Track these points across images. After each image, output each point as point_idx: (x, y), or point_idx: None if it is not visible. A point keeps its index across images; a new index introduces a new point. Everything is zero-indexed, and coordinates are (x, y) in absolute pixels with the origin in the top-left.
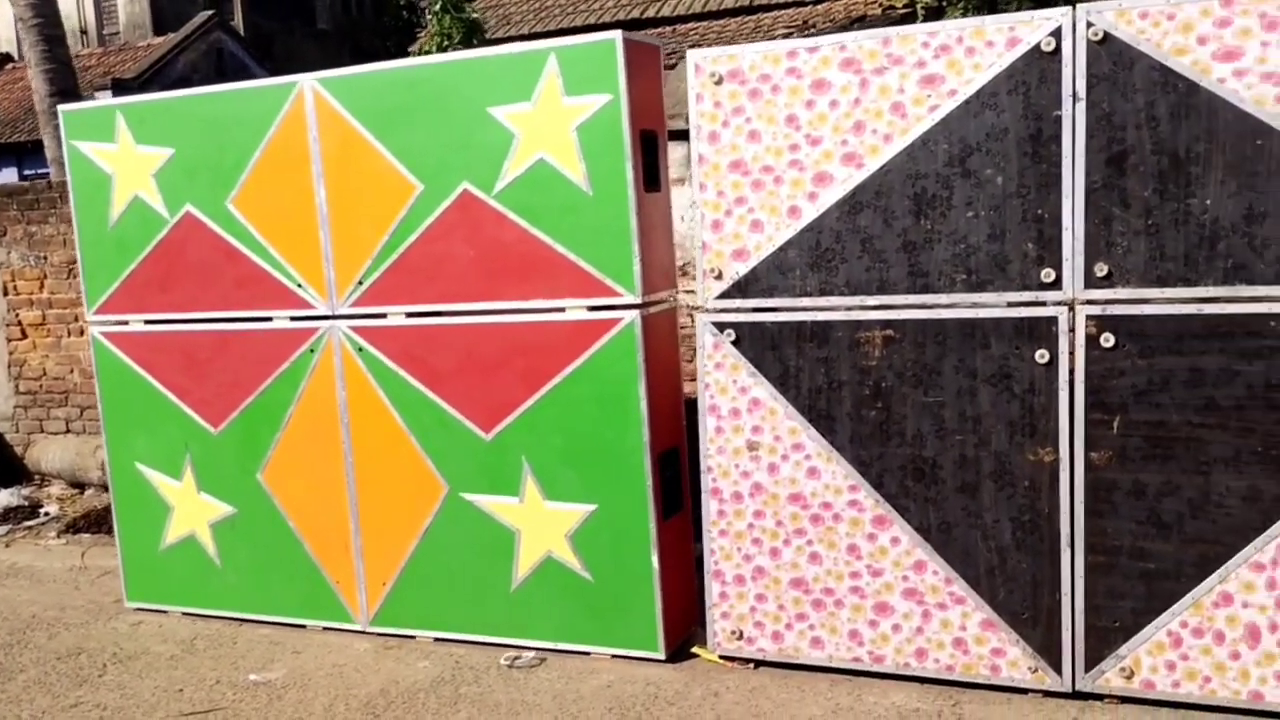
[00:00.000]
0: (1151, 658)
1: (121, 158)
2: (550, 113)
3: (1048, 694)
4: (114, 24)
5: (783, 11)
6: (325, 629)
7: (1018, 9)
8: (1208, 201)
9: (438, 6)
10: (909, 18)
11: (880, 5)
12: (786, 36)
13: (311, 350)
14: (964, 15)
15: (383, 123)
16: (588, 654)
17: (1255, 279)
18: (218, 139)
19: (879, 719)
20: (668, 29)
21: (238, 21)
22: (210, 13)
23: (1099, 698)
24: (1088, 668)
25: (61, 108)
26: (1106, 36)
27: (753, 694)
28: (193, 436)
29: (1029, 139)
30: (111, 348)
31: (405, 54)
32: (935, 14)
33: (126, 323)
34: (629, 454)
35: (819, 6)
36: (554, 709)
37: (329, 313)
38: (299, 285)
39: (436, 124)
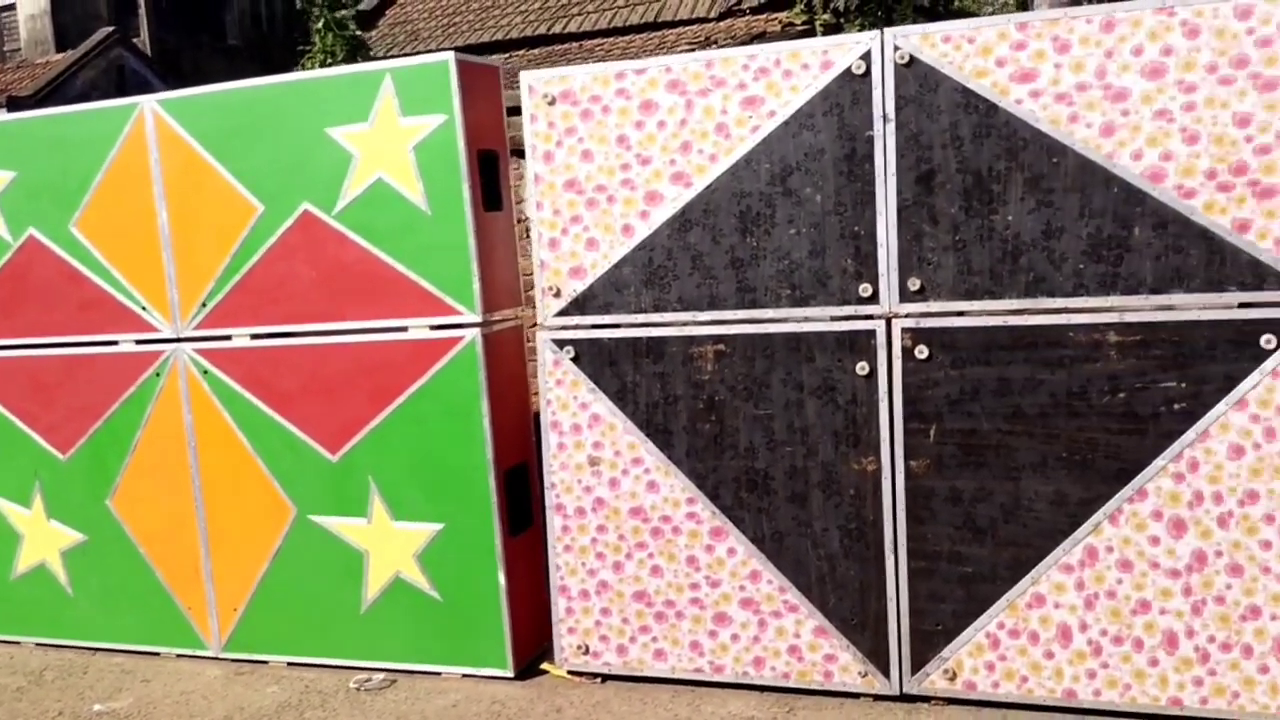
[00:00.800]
0: (972, 659)
1: None
2: (388, 133)
3: (878, 698)
4: (15, 40)
5: (686, 28)
6: (178, 656)
7: (913, 23)
8: (1009, 218)
9: (320, 25)
10: (808, 34)
11: (780, 22)
12: (690, 52)
13: (157, 374)
14: (861, 31)
15: (222, 144)
16: (439, 674)
17: (1055, 291)
18: (60, 161)
19: None
20: (574, 45)
21: (143, 38)
22: (111, 29)
23: (926, 700)
24: (914, 670)
25: None
26: (912, 59)
27: (595, 709)
28: (41, 463)
29: (844, 158)
30: None
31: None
32: (834, 30)
33: None
34: (474, 472)
35: (721, 24)
36: None
37: (173, 336)
38: (143, 308)
39: (276, 145)
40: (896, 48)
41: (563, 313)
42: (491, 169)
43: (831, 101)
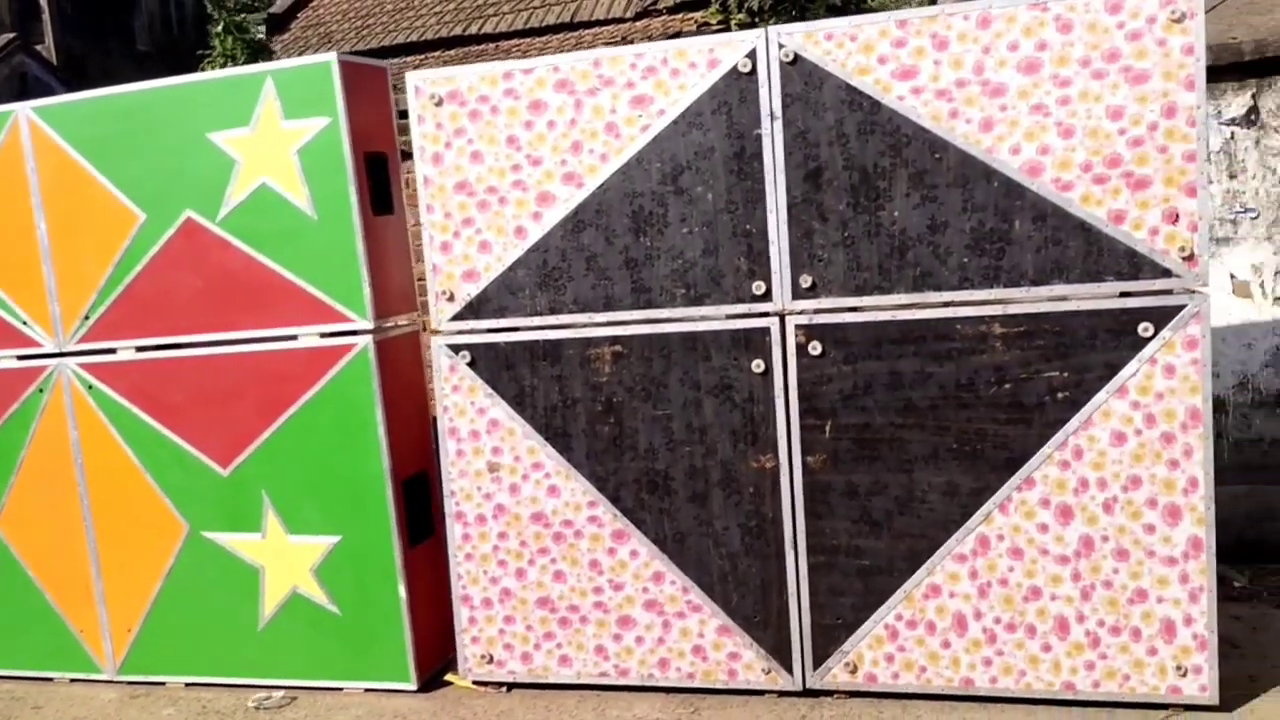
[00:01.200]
0: (872, 651)
1: None
2: (270, 137)
3: (782, 694)
4: None
5: (603, 28)
6: (72, 681)
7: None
8: (896, 214)
9: (220, 28)
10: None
11: (695, 22)
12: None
13: (40, 390)
14: None
15: (101, 151)
16: (340, 689)
17: (941, 285)
18: None
19: None
20: (490, 46)
21: (48, 44)
22: (13, 35)
23: (830, 694)
24: (815, 665)
25: None
26: (797, 57)
27: (499, 718)
28: None
29: (734, 156)
30: None
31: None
32: (750, 29)
33: None
34: (371, 482)
35: (637, 24)
36: None
37: (56, 350)
38: (24, 323)
39: (156, 151)
40: (781, 45)
41: (457, 317)
42: (381, 172)
43: (720, 100)
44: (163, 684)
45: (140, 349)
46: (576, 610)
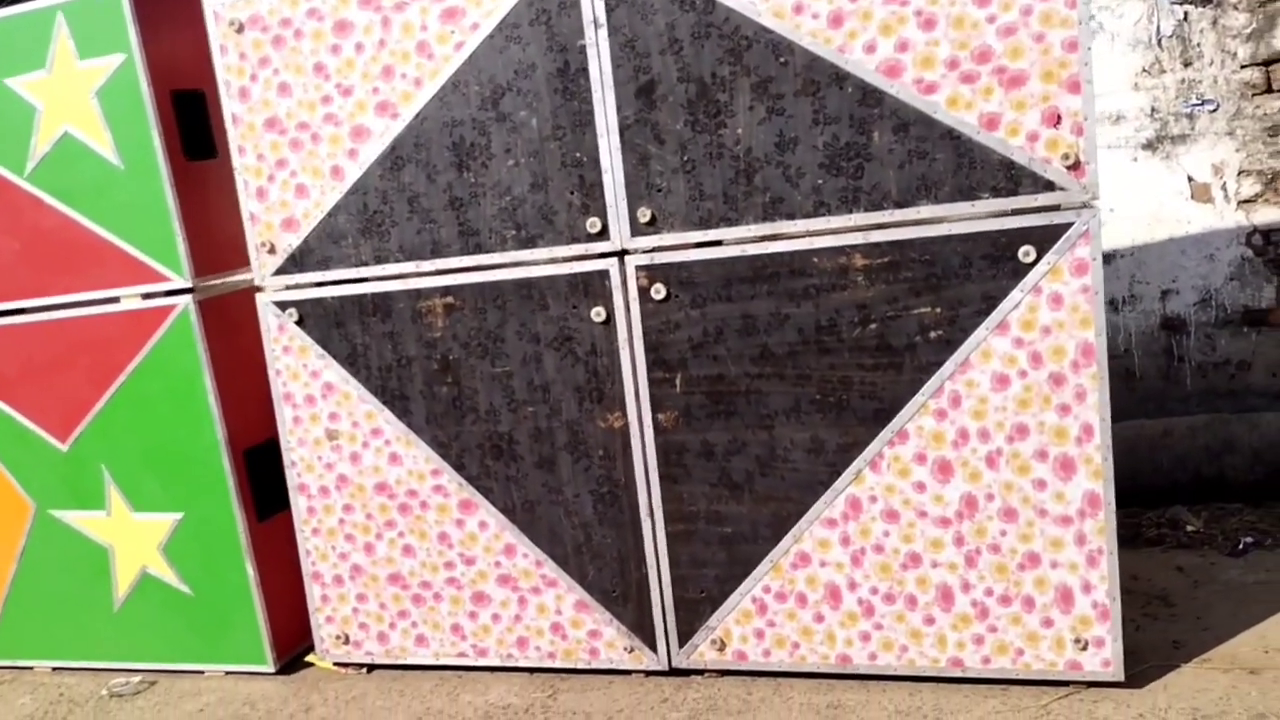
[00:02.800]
0: (740, 627)
1: None
2: (68, 79)
3: (649, 674)
4: None
5: None
6: None
7: None
8: (739, 131)
9: None
10: None
11: None
12: None
13: None
14: None
15: None
16: (202, 673)
17: (795, 212)
18: None
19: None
20: None
21: None
22: None
23: (700, 673)
24: (681, 643)
25: None
26: None
27: (349, 704)
28: None
29: (558, 74)
30: None
31: None
32: None
33: None
34: (208, 454)
35: None
36: None
37: None
38: None
39: None
40: None
41: (280, 271)
42: (198, 112)
43: (537, 8)
44: (30, 668)
45: None
46: (429, 587)
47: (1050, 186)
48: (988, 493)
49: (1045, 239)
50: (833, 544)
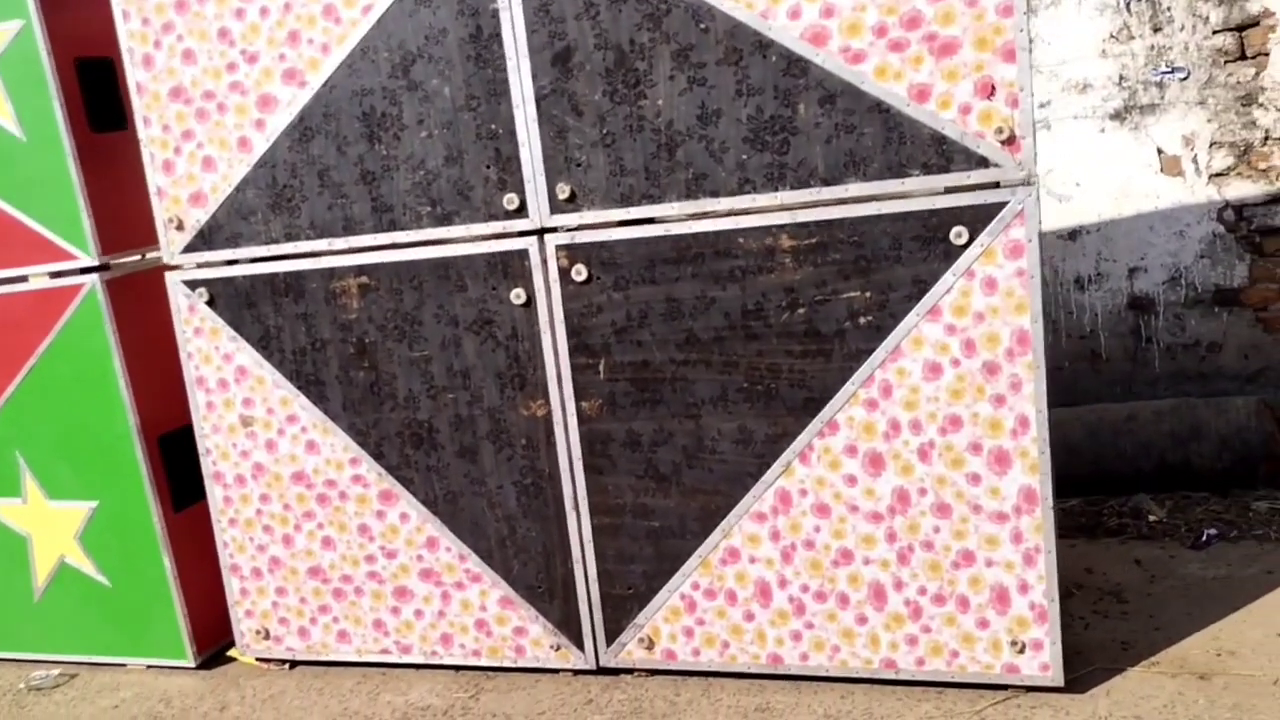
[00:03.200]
0: (669, 625)
1: None
2: None
3: (577, 673)
4: None
5: None
6: None
7: None
8: (660, 102)
9: None
10: None
11: None
12: None
13: None
14: None
15: None
16: (124, 666)
17: (719, 189)
18: None
19: None
20: None
21: None
22: None
23: (629, 672)
24: (609, 641)
25: None
26: None
27: (266, 703)
28: None
29: (470, 39)
30: None
31: None
32: None
33: None
34: (120, 441)
35: None
36: None
37: None
38: None
39: None
40: None
41: (190, 248)
42: (106, 81)
43: None
44: None
45: None
46: (350, 580)
47: (984, 163)
48: (920, 487)
49: (978, 219)
50: (762, 539)
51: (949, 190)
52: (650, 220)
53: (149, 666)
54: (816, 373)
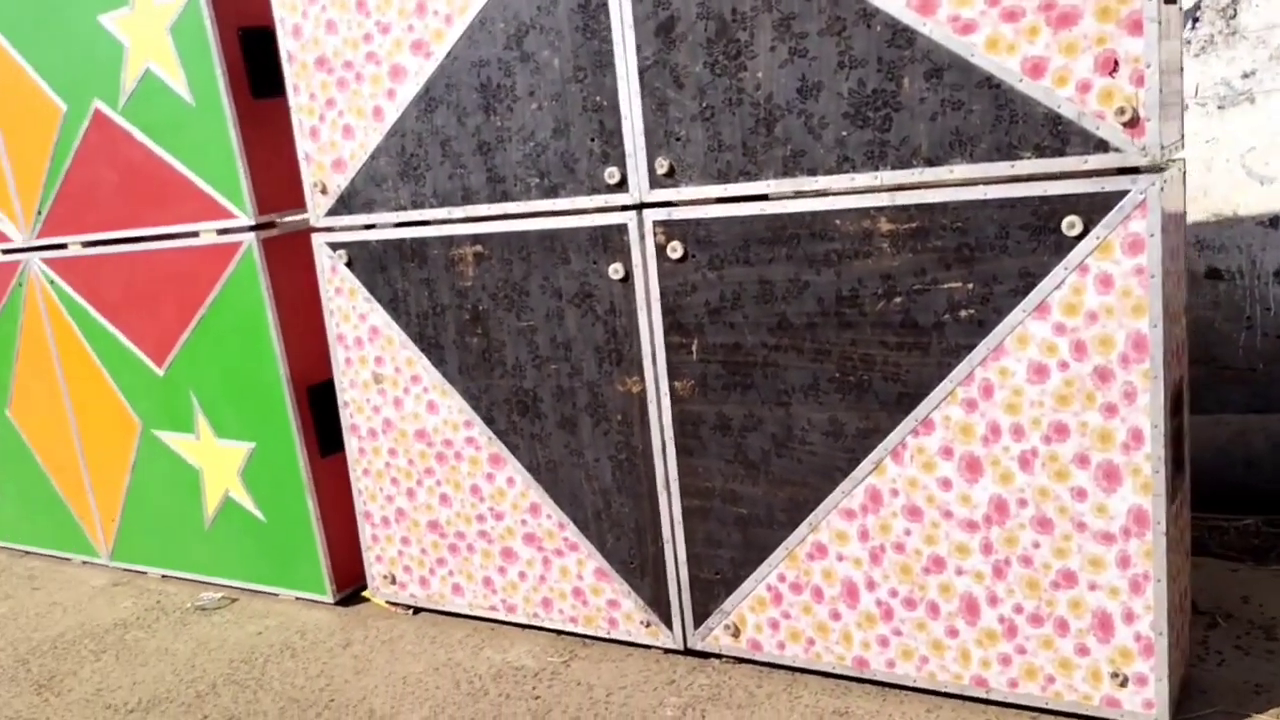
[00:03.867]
0: (755, 615)
1: None
2: (147, 15)
3: (668, 651)
4: None
5: None
6: (83, 563)
7: None
8: (759, 74)
9: None
10: None
11: None
12: None
13: (19, 284)
14: None
15: (23, 39)
16: (276, 595)
17: (816, 168)
18: None
19: (482, 677)
20: None
21: None
22: None
23: (718, 656)
24: (697, 624)
25: None
26: None
27: (382, 645)
28: None
29: (579, 9)
30: None
31: None
32: None
33: None
34: (273, 388)
35: None
36: (185, 656)
37: (24, 245)
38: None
39: (63, 36)
40: None
41: (332, 212)
42: (267, 49)
43: None
44: (145, 573)
45: (86, 244)
46: (463, 537)
47: (1103, 146)
48: (1020, 498)
49: (1095, 209)
50: (851, 537)
51: (1062, 175)
52: (746, 198)
53: (297, 598)
54: (912, 367)
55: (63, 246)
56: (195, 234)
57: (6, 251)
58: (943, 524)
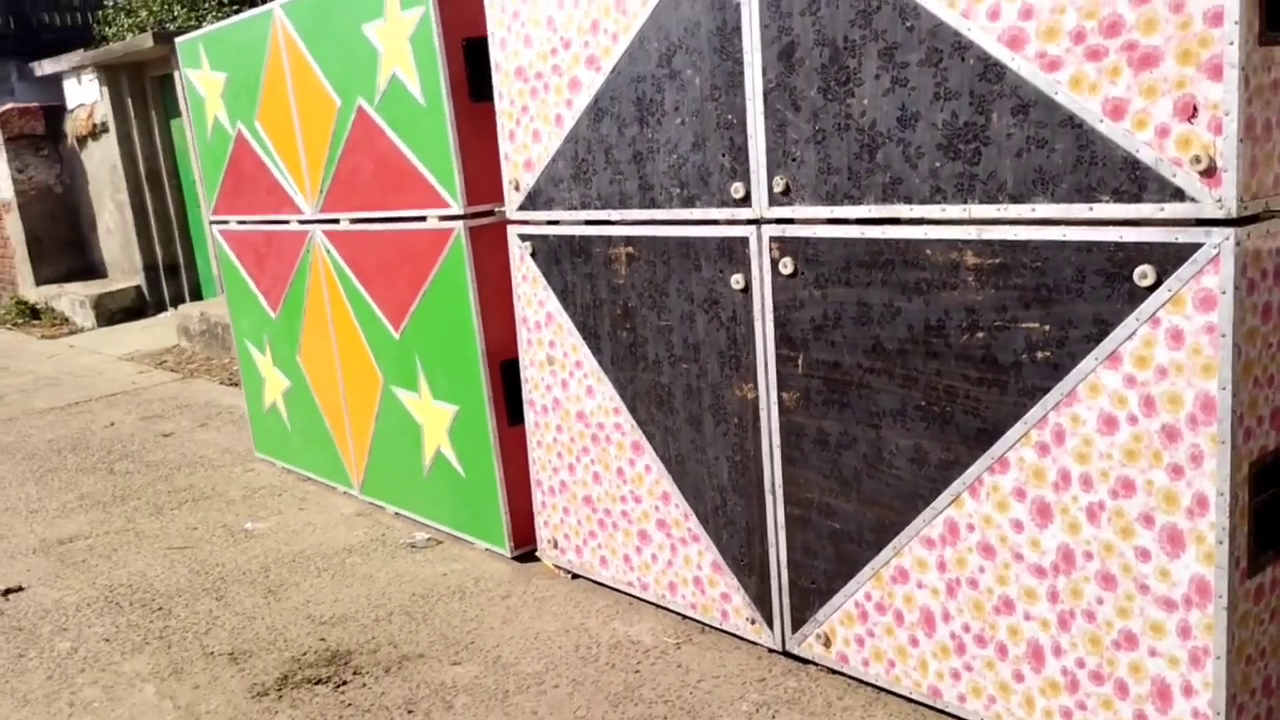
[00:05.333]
0: (844, 628)
1: (205, 82)
2: (395, 27)
3: (770, 650)
4: None
5: None
6: (344, 493)
7: None
8: (865, 101)
9: None
10: None
11: None
12: None
13: (308, 250)
14: None
15: (315, 42)
16: (472, 544)
17: (912, 196)
18: (245, 62)
19: (600, 645)
20: None
21: None
22: None
23: (813, 665)
24: (794, 628)
25: (179, 40)
26: None
27: (535, 602)
28: (265, 319)
29: (717, 31)
30: (222, 243)
31: None
32: None
33: (227, 222)
34: (473, 360)
35: None
36: (381, 584)
37: (311, 217)
38: (296, 193)
39: (340, 42)
40: None
41: (522, 207)
42: (481, 59)
43: None
44: (384, 509)
45: (352, 221)
46: (609, 514)
47: (1179, 195)
48: (1086, 550)
49: (1168, 260)
50: (930, 566)
51: (1138, 222)
52: (849, 220)
53: (485, 549)
54: (991, 403)
55: (335, 221)
56: (423, 219)
57: (301, 222)
58: (1013, 565)
